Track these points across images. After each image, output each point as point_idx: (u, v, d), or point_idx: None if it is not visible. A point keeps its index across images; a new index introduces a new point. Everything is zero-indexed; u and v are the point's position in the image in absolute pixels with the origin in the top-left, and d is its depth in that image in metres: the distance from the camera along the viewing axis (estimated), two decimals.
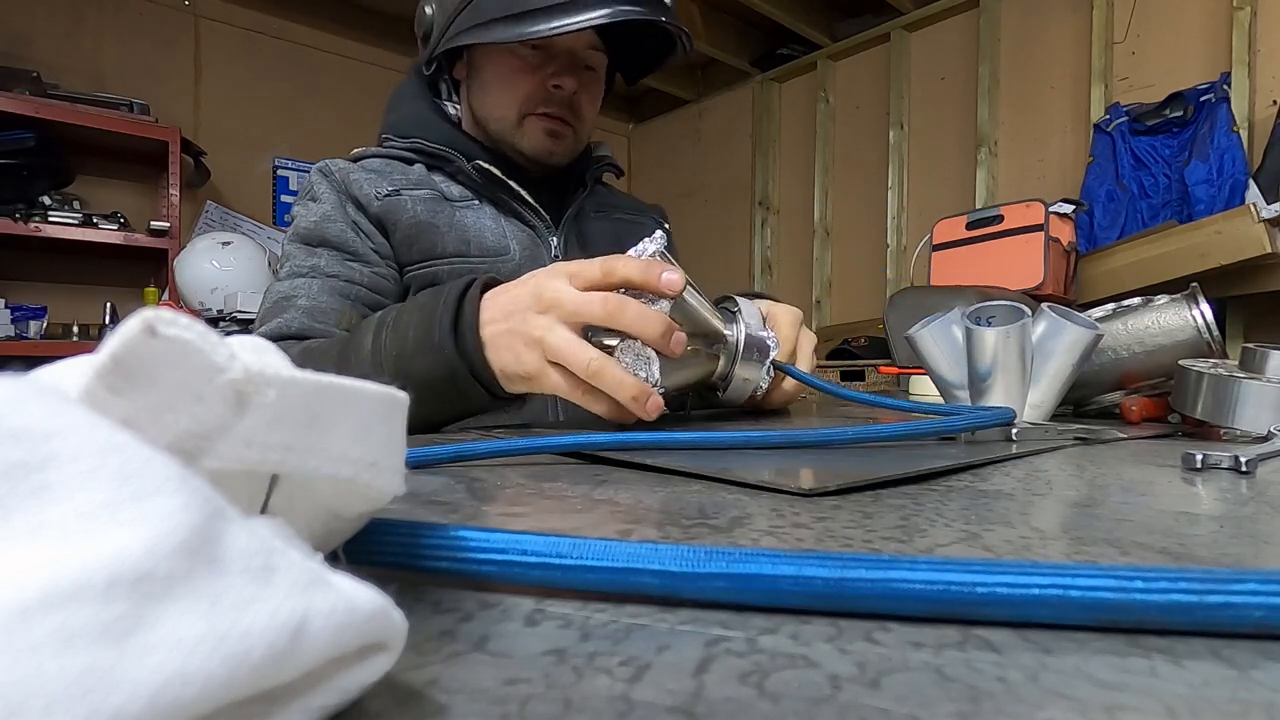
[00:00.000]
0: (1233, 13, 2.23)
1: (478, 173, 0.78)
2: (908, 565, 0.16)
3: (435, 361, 0.52)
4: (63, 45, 2.64)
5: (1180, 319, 0.63)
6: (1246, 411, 0.51)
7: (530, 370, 0.49)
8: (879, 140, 3.15)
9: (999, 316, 0.58)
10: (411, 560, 0.19)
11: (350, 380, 0.14)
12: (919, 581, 0.16)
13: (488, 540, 0.18)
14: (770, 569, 0.16)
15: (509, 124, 0.80)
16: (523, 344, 0.49)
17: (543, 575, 0.18)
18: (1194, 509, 0.29)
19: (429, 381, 0.52)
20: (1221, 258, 1.74)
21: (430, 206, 0.76)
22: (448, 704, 0.12)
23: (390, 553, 0.19)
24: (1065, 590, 0.15)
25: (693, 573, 0.17)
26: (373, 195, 0.74)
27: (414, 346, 0.53)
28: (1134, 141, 2.34)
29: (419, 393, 0.48)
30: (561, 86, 0.77)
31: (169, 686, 0.08)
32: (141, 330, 0.11)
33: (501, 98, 0.79)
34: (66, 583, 0.08)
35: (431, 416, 0.56)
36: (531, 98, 0.78)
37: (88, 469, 0.10)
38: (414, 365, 0.53)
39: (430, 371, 0.52)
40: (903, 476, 0.34)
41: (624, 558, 0.17)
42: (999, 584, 0.16)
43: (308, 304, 0.70)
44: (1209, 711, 0.12)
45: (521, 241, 0.80)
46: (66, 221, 2.40)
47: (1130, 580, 0.15)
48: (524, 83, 0.77)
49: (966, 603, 0.16)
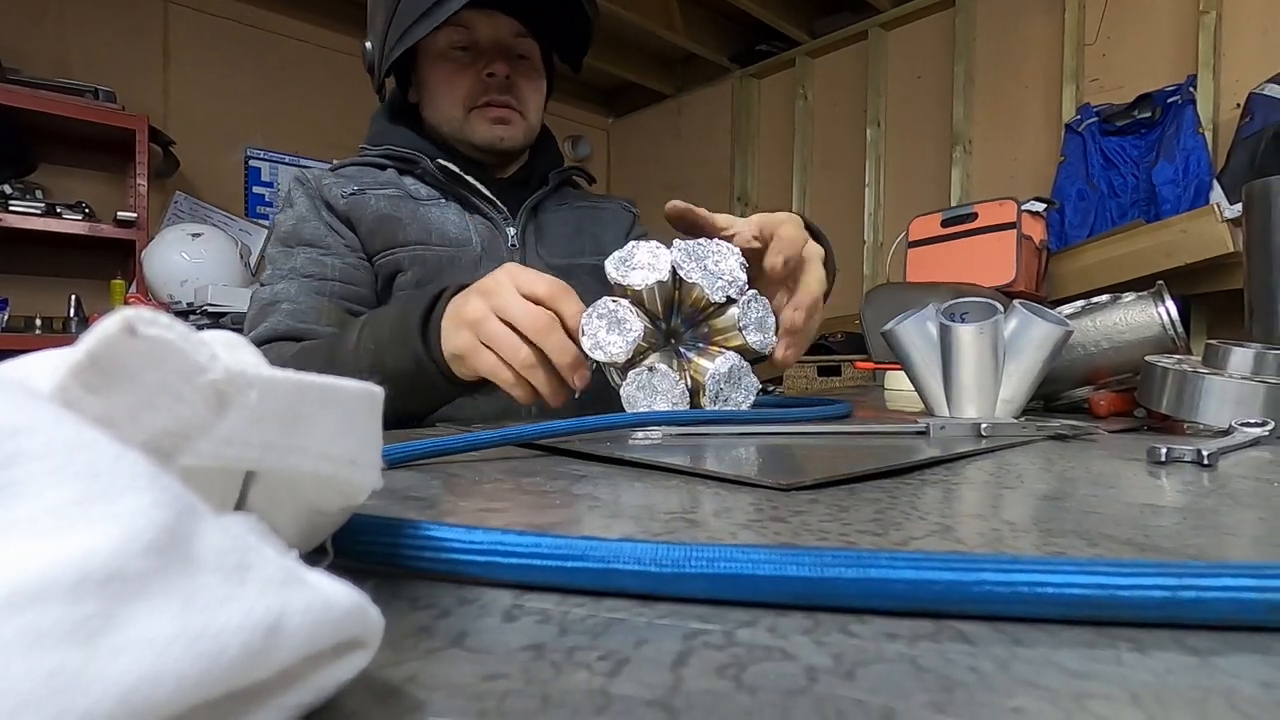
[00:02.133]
0: (1199, 16, 2.28)
1: (440, 171, 0.83)
2: (887, 563, 0.16)
3: (403, 353, 0.56)
4: (25, 29, 2.56)
5: (1147, 316, 0.65)
6: (1209, 406, 0.52)
7: (463, 349, 0.53)
8: (856, 137, 3.18)
9: (972, 313, 0.59)
10: (393, 558, 0.19)
11: (328, 379, 0.14)
12: (900, 580, 0.16)
13: (469, 538, 0.18)
14: (750, 568, 0.17)
15: (458, 122, 0.84)
16: (463, 325, 0.53)
17: (522, 573, 0.18)
18: (1159, 501, 0.30)
19: (400, 372, 0.56)
20: (1186, 256, 1.79)
21: (394, 202, 0.82)
22: (426, 700, 0.12)
23: (372, 551, 0.19)
24: (1040, 587, 0.16)
25: (672, 573, 0.17)
26: (339, 195, 0.80)
27: (388, 339, 0.58)
28: (1104, 142, 2.39)
29: (394, 385, 0.51)
30: (494, 73, 0.82)
31: (140, 686, 0.08)
32: (121, 329, 0.11)
33: (446, 99, 0.84)
34: (34, 581, 0.08)
35: (408, 407, 0.59)
36: (471, 92, 0.83)
37: (55, 466, 0.09)
38: (386, 358, 0.57)
39: (399, 362, 0.56)
40: (878, 471, 0.34)
41: (603, 556, 0.17)
42: (978, 581, 0.16)
43: (290, 307, 0.75)
44: (1173, 698, 0.13)
45: (482, 233, 0.84)
46: (29, 211, 2.33)
47: (1106, 575, 0.16)
48: (461, 80, 0.83)
49: (947, 599, 0.16)
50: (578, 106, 4.08)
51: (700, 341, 0.57)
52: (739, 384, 0.54)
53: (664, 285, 0.53)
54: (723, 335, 0.56)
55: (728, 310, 0.55)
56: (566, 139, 4.04)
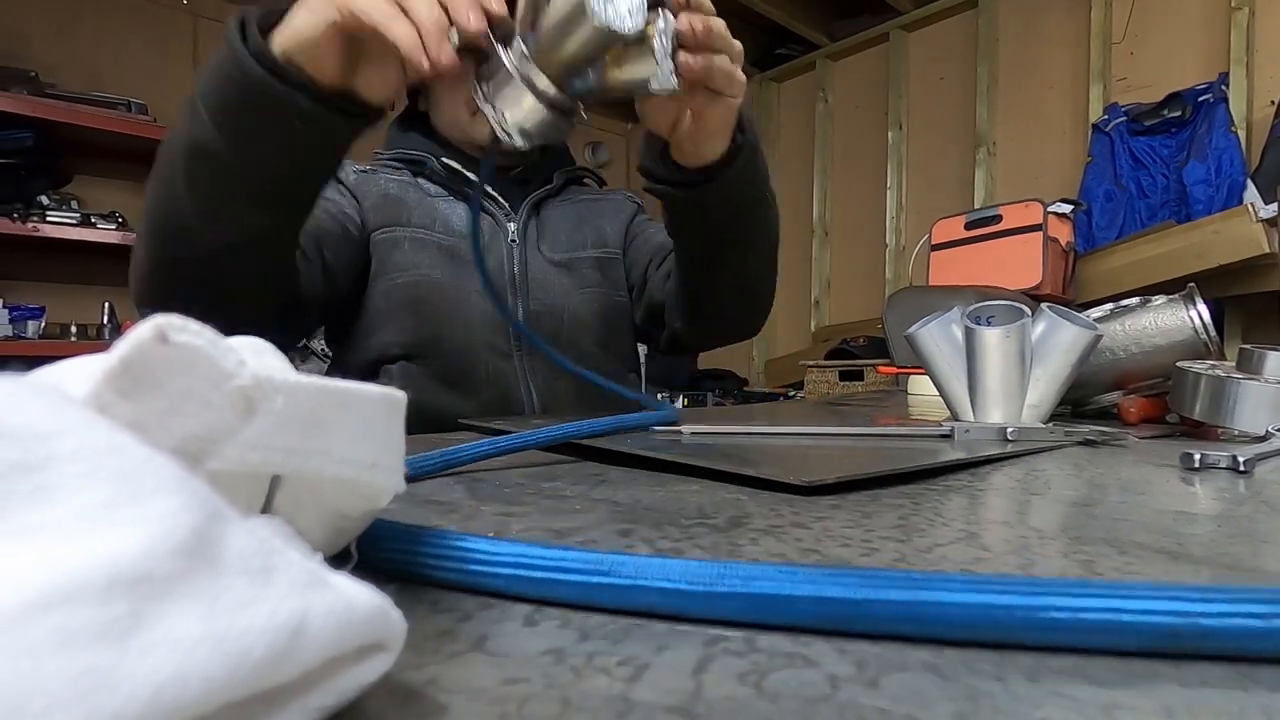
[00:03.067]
0: (1231, 13, 2.23)
1: (445, 169, 0.83)
2: (941, 584, 0.15)
3: (221, 50, 0.47)
4: (60, 45, 2.63)
5: (1178, 320, 0.63)
6: (1244, 412, 0.51)
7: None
8: (878, 140, 3.15)
9: (999, 316, 0.58)
10: (414, 567, 0.18)
11: (351, 384, 0.14)
12: (955, 604, 0.15)
13: (493, 550, 0.18)
14: (788, 588, 0.15)
15: (463, 123, 0.84)
16: None
17: (546, 589, 0.17)
18: (1192, 508, 0.29)
19: (214, 68, 0.47)
20: (1219, 258, 1.75)
21: (403, 187, 0.82)
22: (447, 703, 0.12)
23: (394, 560, 0.19)
24: (1115, 614, 0.14)
25: (704, 592, 0.16)
26: (349, 171, 0.81)
27: (208, 72, 0.48)
28: (1132, 141, 2.35)
29: (213, 97, 0.47)
30: None
31: (168, 687, 0.08)
32: (153, 336, 0.11)
33: (450, 101, 0.84)
34: (65, 583, 0.08)
35: (240, 138, 0.49)
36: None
37: (87, 470, 0.10)
38: (210, 63, 0.48)
39: (216, 59, 0.47)
40: (901, 472, 0.34)
41: (630, 572, 0.16)
42: (1044, 606, 0.14)
43: None
44: (1207, 713, 0.12)
45: (484, 228, 0.83)
46: (64, 221, 2.39)
47: (1190, 601, 0.14)
48: (465, 84, 0.83)
49: (1008, 626, 0.14)
50: (597, 112, 4.09)
51: None
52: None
53: None
54: None
55: None
56: (586, 145, 4.06)
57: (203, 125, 0.48)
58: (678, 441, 0.44)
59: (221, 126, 0.48)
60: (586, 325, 0.81)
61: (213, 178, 0.50)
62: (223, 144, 0.48)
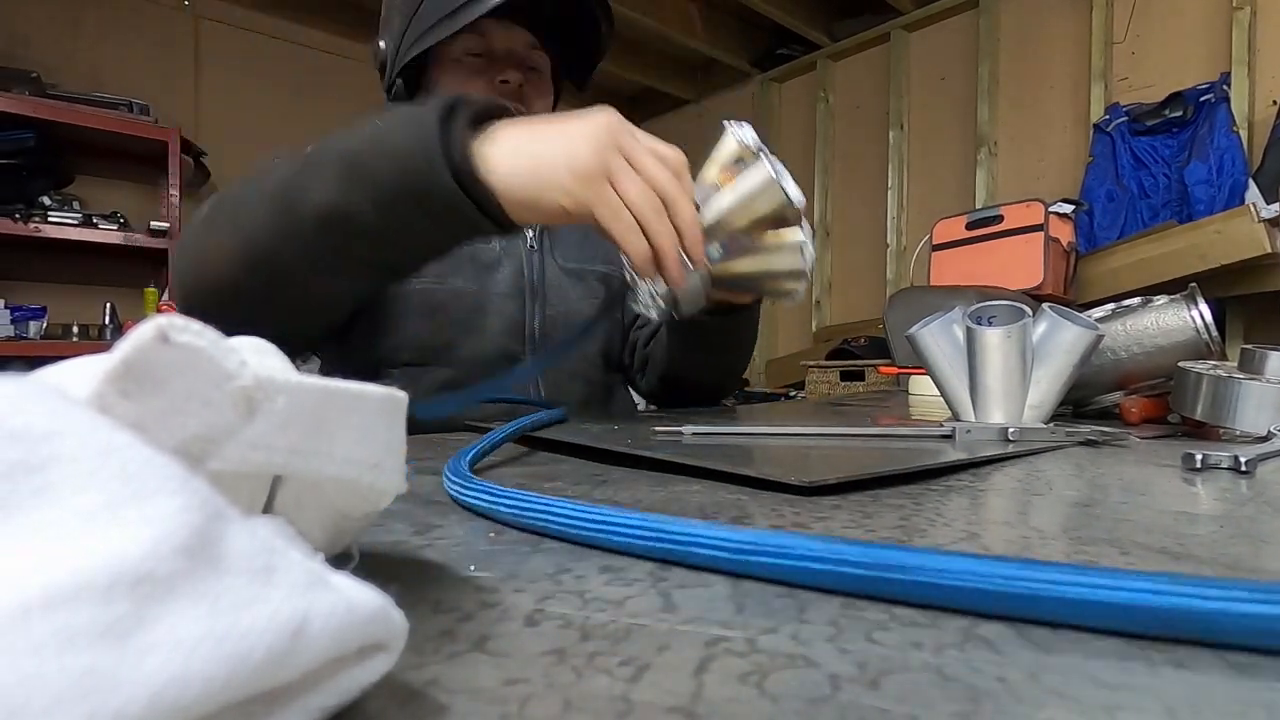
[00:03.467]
0: (1232, 13, 2.23)
1: None
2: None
3: (416, 136, 0.44)
4: (62, 45, 2.64)
5: (1179, 320, 0.63)
6: (1246, 412, 0.51)
7: (582, 165, 0.43)
8: (879, 140, 3.15)
9: (1000, 316, 0.58)
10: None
11: (352, 384, 0.14)
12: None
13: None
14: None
15: None
16: (570, 143, 0.44)
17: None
18: (1193, 509, 0.29)
19: (400, 155, 0.44)
20: (1221, 258, 1.74)
21: None
22: (448, 704, 0.12)
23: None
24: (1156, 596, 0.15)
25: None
26: None
27: (399, 122, 0.45)
28: (1134, 141, 2.34)
29: (387, 180, 0.43)
30: (508, 80, 0.81)
31: (170, 687, 0.08)
32: (154, 337, 0.11)
33: None
34: (68, 583, 0.08)
35: (397, 226, 0.46)
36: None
37: (89, 470, 0.10)
38: (388, 139, 0.45)
39: (406, 145, 0.44)
40: (901, 473, 0.34)
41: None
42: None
43: None
44: (1209, 712, 0.12)
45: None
46: (66, 222, 2.39)
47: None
48: (473, 85, 0.82)
49: None
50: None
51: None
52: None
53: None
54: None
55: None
56: None
57: (358, 200, 0.45)
58: (678, 442, 0.44)
59: (383, 211, 0.45)
60: (595, 335, 0.83)
61: (346, 246, 0.48)
62: (376, 225, 0.46)
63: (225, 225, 0.52)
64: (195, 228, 0.55)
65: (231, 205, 0.52)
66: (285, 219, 0.48)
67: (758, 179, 0.50)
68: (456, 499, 0.28)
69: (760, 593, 0.18)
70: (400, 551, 0.22)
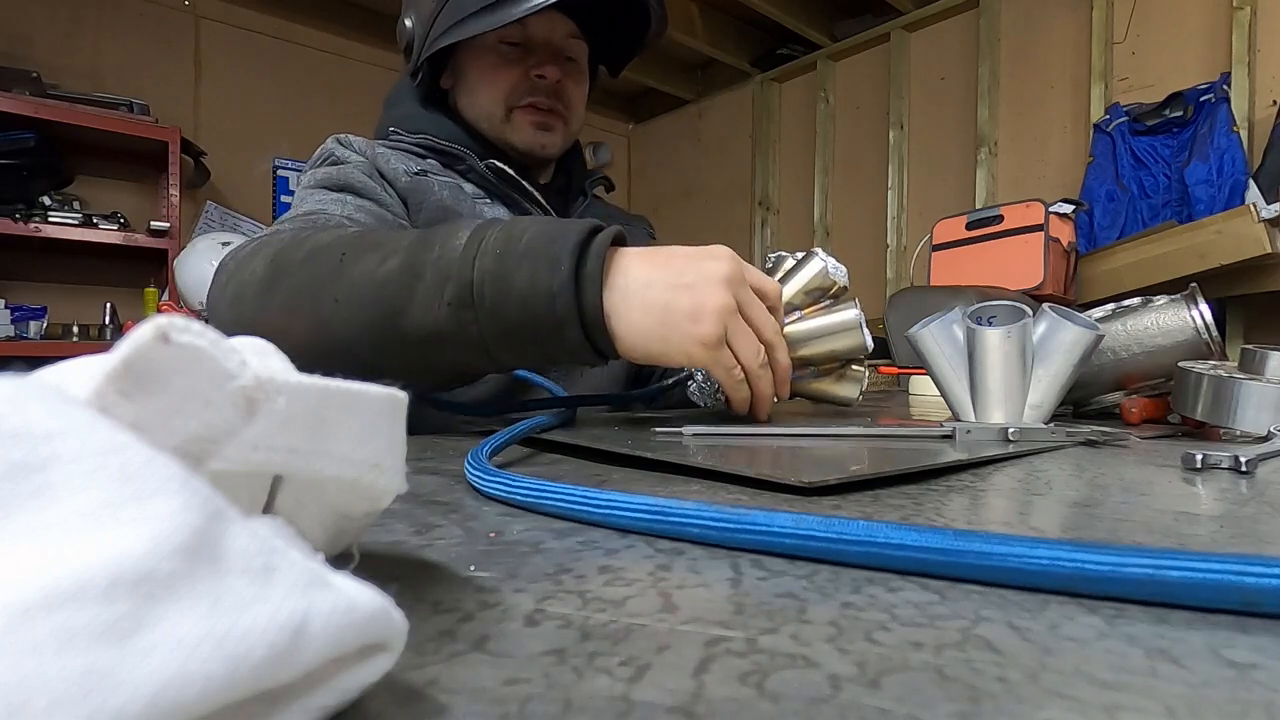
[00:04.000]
0: (1233, 12, 2.23)
1: (492, 171, 0.77)
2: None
3: (540, 274, 0.42)
4: (62, 45, 2.64)
5: (1179, 320, 0.63)
6: (1246, 412, 0.51)
7: (707, 336, 0.44)
8: (879, 140, 3.15)
9: (1000, 316, 0.58)
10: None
11: (353, 384, 0.14)
12: None
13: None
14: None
15: (497, 120, 0.79)
16: (695, 303, 0.44)
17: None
18: (1194, 509, 0.29)
19: (520, 303, 0.43)
20: (1221, 258, 1.74)
21: (455, 193, 0.76)
22: (448, 704, 0.12)
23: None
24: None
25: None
26: (401, 170, 0.72)
27: (523, 252, 0.43)
28: (1134, 141, 2.34)
29: (510, 341, 0.43)
30: (545, 76, 0.78)
31: (170, 687, 0.08)
32: (155, 336, 0.11)
33: (488, 94, 0.79)
34: (68, 583, 0.08)
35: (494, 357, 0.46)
36: (516, 90, 0.78)
37: (89, 469, 0.10)
38: (513, 275, 0.43)
39: (533, 314, 0.43)
40: (902, 473, 0.34)
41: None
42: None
43: (341, 214, 0.64)
44: (1209, 711, 0.12)
45: None
46: (66, 222, 2.40)
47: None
48: (507, 76, 0.78)
49: None
50: (598, 112, 4.10)
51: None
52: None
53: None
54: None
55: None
56: (588, 145, 4.06)
57: (473, 331, 0.44)
58: (679, 442, 0.44)
59: (498, 342, 0.44)
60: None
61: (445, 359, 0.46)
62: (488, 349, 0.45)
63: (296, 303, 0.48)
64: (250, 286, 0.50)
65: (304, 282, 0.48)
66: (378, 331, 0.46)
67: (844, 320, 0.59)
68: (478, 488, 0.29)
69: (760, 592, 0.18)
70: (400, 551, 0.22)
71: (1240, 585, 0.16)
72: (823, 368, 0.63)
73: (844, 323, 0.59)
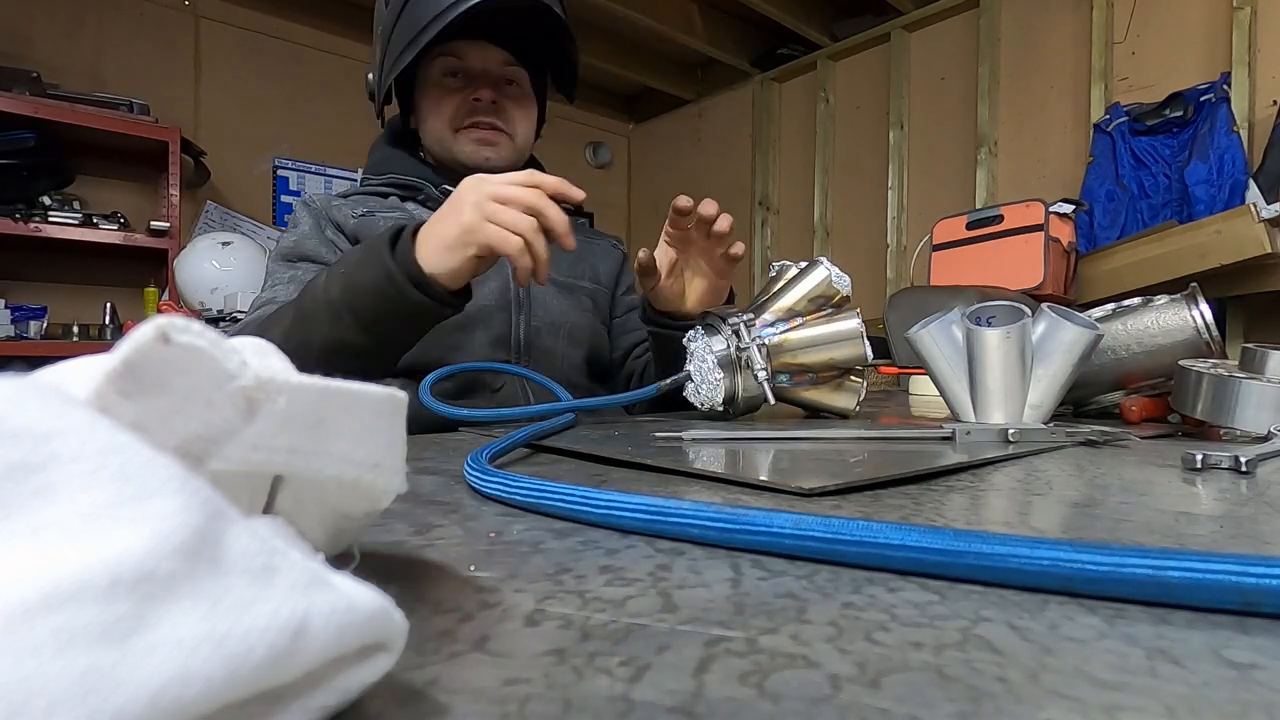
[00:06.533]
0: (1233, 13, 2.23)
1: (444, 195, 0.85)
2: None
3: (374, 270, 0.59)
4: (62, 45, 2.63)
5: (1179, 319, 0.63)
6: (1246, 412, 0.51)
7: (469, 224, 0.56)
8: (879, 140, 3.15)
9: (999, 316, 0.58)
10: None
11: (353, 384, 0.14)
12: None
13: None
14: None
15: (447, 141, 0.88)
16: (463, 207, 0.57)
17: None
18: (1194, 509, 0.29)
19: (369, 290, 0.59)
20: (1221, 258, 1.74)
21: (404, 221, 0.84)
22: (448, 704, 0.12)
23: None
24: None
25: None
26: (349, 215, 0.84)
27: (355, 265, 0.61)
28: (1134, 141, 2.34)
29: (365, 310, 0.59)
30: (480, 98, 0.87)
31: (170, 687, 0.08)
32: (155, 337, 0.11)
33: (436, 120, 0.89)
34: (68, 583, 0.08)
35: (385, 338, 0.62)
36: (458, 112, 0.89)
37: (89, 470, 0.10)
38: (355, 278, 0.60)
39: (367, 280, 0.59)
40: (903, 476, 0.34)
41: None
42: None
43: (286, 298, 0.76)
44: (1209, 711, 0.12)
45: None
46: (66, 221, 2.39)
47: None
48: (450, 102, 0.88)
49: None
50: (598, 112, 4.10)
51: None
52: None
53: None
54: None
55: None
56: (587, 145, 4.06)
57: (350, 330, 0.60)
58: (678, 446, 0.44)
59: (370, 330, 0.60)
60: (580, 342, 0.87)
61: (353, 361, 0.61)
62: (369, 343, 0.61)
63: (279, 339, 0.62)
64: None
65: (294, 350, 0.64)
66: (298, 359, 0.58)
67: (846, 329, 0.61)
68: (478, 488, 0.29)
69: (760, 593, 0.18)
70: (400, 551, 0.22)
71: (1240, 585, 0.16)
72: (821, 375, 0.63)
73: (845, 332, 0.61)
